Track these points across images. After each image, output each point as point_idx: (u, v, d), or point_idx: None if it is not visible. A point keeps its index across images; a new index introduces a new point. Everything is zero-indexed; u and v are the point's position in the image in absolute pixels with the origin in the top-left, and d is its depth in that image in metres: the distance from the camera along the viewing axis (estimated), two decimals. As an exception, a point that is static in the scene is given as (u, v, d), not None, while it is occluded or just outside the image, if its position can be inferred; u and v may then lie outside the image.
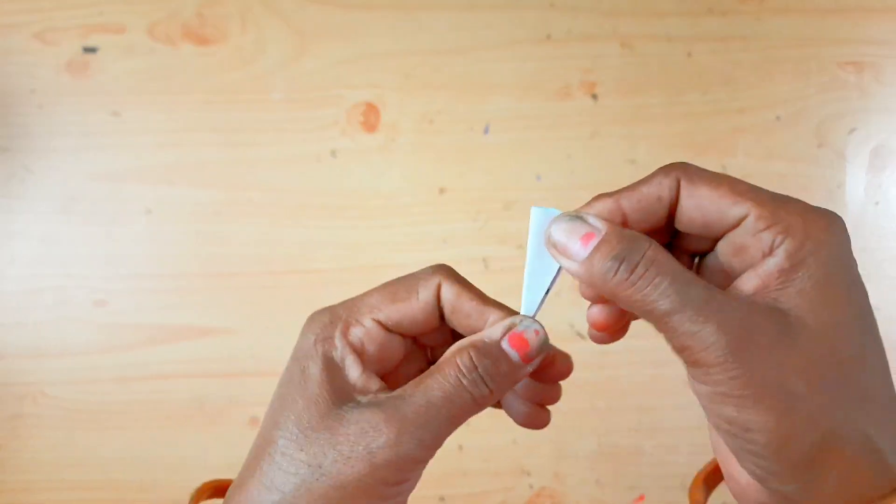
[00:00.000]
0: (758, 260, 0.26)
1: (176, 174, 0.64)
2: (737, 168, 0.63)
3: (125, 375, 0.63)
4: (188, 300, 0.63)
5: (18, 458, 0.63)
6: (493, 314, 0.30)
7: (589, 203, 0.28)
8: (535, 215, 0.29)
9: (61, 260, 0.64)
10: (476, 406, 0.28)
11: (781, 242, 0.25)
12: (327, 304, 0.31)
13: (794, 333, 0.25)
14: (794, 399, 0.24)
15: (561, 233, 0.27)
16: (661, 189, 0.27)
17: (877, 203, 0.63)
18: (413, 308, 0.30)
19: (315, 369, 0.28)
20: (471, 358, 0.28)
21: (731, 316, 0.24)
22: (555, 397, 0.33)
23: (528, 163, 0.63)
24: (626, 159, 0.63)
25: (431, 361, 0.33)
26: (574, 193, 0.63)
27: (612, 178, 0.63)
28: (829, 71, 0.63)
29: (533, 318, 0.29)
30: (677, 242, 0.30)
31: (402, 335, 0.30)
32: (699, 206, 0.27)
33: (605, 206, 0.28)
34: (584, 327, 0.64)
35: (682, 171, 0.27)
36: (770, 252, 0.25)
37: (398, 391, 0.28)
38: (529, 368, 0.29)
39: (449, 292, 0.30)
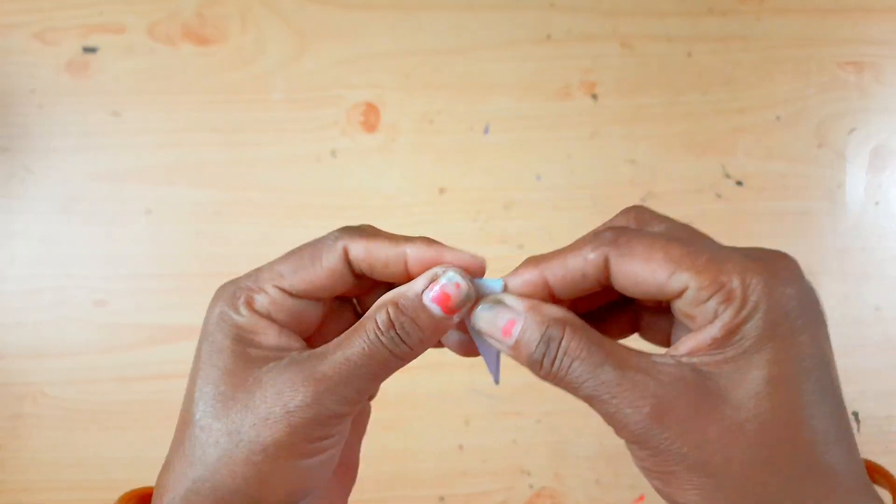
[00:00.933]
0: (704, 327, 0.25)
1: (176, 174, 0.64)
2: (737, 168, 0.63)
3: (125, 375, 0.63)
4: (188, 300, 0.63)
5: (18, 458, 0.63)
6: (410, 250, 0.29)
7: (517, 270, 0.28)
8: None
9: (61, 260, 0.64)
10: (398, 361, 0.27)
11: (724, 312, 0.24)
12: (220, 285, 0.31)
13: (713, 403, 0.24)
14: (712, 477, 0.24)
15: (484, 322, 0.28)
16: (587, 266, 0.27)
17: (877, 203, 0.63)
18: (318, 275, 0.29)
19: (226, 341, 0.28)
20: (388, 315, 0.27)
21: (644, 394, 0.24)
22: None
23: (528, 163, 0.63)
24: (626, 159, 0.63)
25: (360, 314, 0.33)
26: (574, 193, 0.63)
27: (612, 178, 0.63)
28: (829, 71, 0.63)
29: (456, 270, 0.28)
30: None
31: (314, 300, 0.30)
32: (634, 283, 0.26)
33: (531, 277, 0.28)
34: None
35: (612, 244, 0.26)
36: (712, 320, 0.25)
37: (319, 349, 0.27)
38: (455, 319, 0.28)
39: (358, 250, 0.29)
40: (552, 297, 0.28)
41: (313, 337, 0.30)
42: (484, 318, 0.28)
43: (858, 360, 0.62)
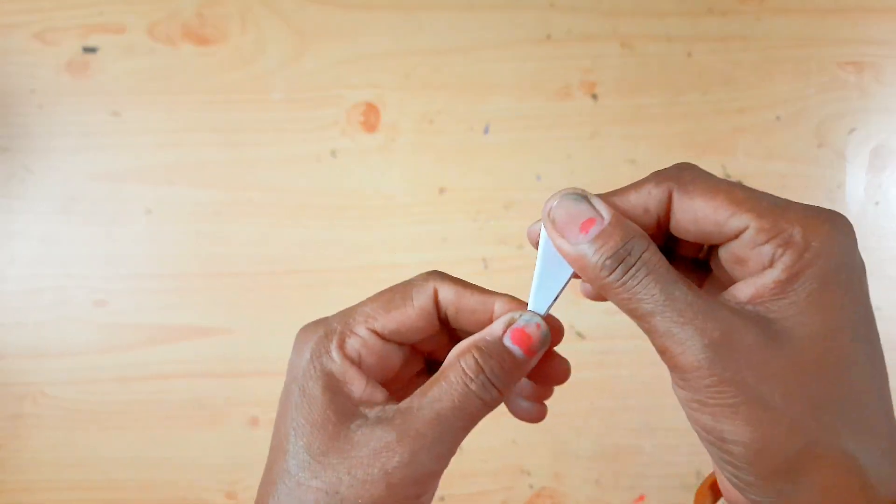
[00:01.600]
0: (758, 271, 0.25)
1: (176, 174, 0.64)
2: (737, 168, 0.63)
3: (125, 375, 0.63)
4: (188, 300, 0.63)
5: (18, 458, 0.63)
6: (498, 302, 0.29)
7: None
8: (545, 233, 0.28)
9: (61, 260, 0.64)
10: (486, 409, 0.27)
11: (781, 255, 0.25)
12: (328, 303, 0.30)
13: (778, 343, 0.24)
14: (771, 410, 0.24)
15: (562, 212, 0.27)
16: (649, 200, 0.27)
17: (877, 203, 0.63)
18: (409, 315, 0.29)
19: (316, 389, 0.28)
20: (475, 360, 0.27)
21: (713, 321, 0.24)
22: (547, 395, 0.32)
23: (528, 163, 0.63)
24: (626, 159, 0.63)
25: (428, 364, 0.33)
26: (574, 193, 0.63)
27: (612, 178, 0.63)
28: (829, 71, 0.63)
29: (533, 312, 0.29)
30: (675, 244, 0.29)
31: (399, 343, 0.30)
32: (694, 219, 0.26)
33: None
34: (585, 327, 0.64)
35: (675, 180, 0.26)
36: (770, 265, 0.25)
37: (405, 403, 0.27)
38: (533, 362, 0.28)
39: (448, 293, 0.29)
40: None
41: (388, 383, 0.30)
42: (565, 206, 0.27)
43: (858, 360, 0.62)
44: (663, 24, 0.63)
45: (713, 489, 0.42)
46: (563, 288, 0.29)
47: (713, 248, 0.29)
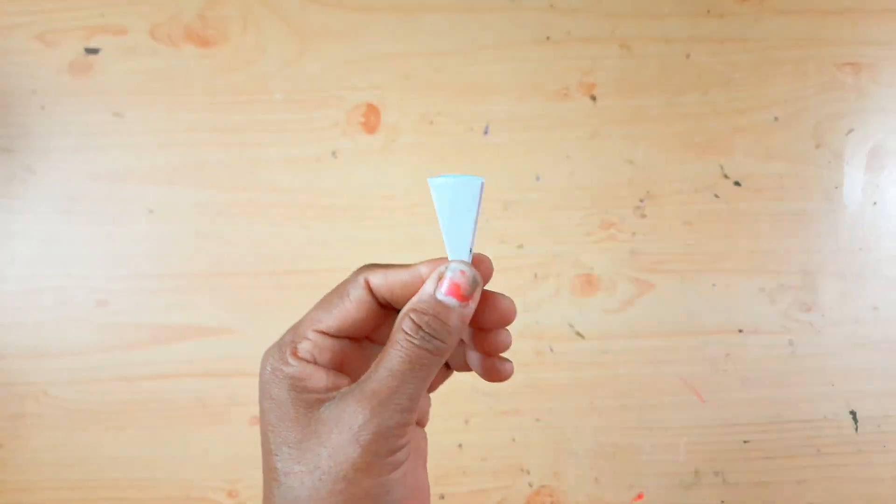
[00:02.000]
0: None
1: (177, 174, 0.64)
2: (735, 168, 0.63)
3: (126, 375, 0.63)
4: (189, 300, 0.64)
5: (19, 458, 0.63)
6: (423, 267, 0.31)
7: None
8: (434, 184, 0.31)
9: (62, 260, 0.64)
10: (438, 358, 0.29)
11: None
12: (266, 349, 0.32)
13: None
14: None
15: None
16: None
17: (874, 203, 0.63)
18: (348, 309, 0.31)
19: (282, 392, 0.30)
20: (412, 321, 0.29)
21: None
22: (506, 343, 0.34)
23: (527, 163, 0.64)
24: (625, 160, 0.64)
25: None
26: (573, 193, 0.63)
27: (611, 178, 0.63)
28: (827, 72, 0.64)
29: (456, 260, 0.30)
30: None
31: (352, 339, 0.32)
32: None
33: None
34: (584, 327, 0.64)
35: None
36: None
37: (363, 377, 0.29)
38: (472, 305, 0.30)
39: (377, 278, 0.31)
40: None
41: (356, 379, 0.32)
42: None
43: (856, 360, 0.62)
44: (662, 26, 0.64)
45: None
46: (473, 234, 0.31)
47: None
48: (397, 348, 0.29)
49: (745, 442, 0.62)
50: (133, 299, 0.64)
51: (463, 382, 0.63)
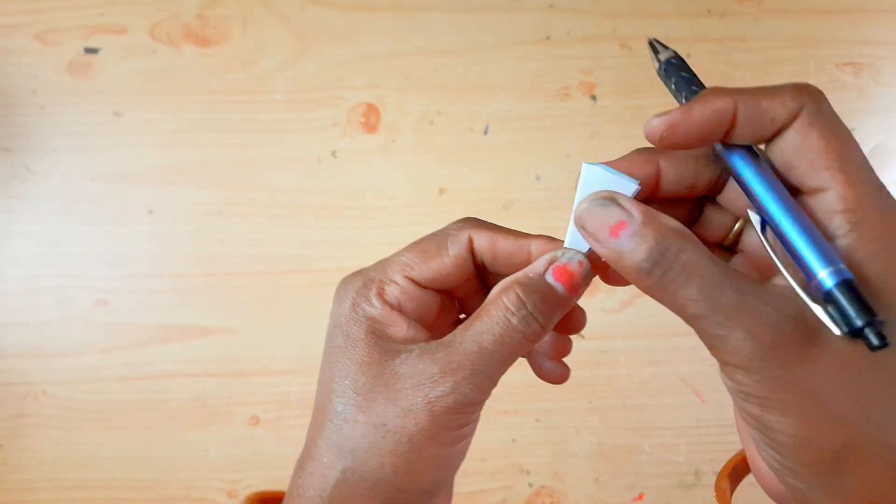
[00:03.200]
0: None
1: (177, 174, 0.64)
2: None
3: (126, 375, 0.64)
4: (189, 300, 0.64)
5: (20, 458, 0.64)
6: (534, 244, 0.29)
7: (627, 157, 0.28)
8: (587, 171, 0.29)
9: (63, 260, 0.64)
10: (528, 343, 0.28)
11: (846, 234, 0.24)
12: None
13: (827, 338, 0.24)
14: (818, 404, 0.24)
15: (592, 218, 0.26)
16: (780, 110, 0.25)
17: (875, 203, 0.63)
18: (445, 263, 0.29)
19: (360, 332, 0.28)
20: (518, 296, 0.27)
21: (761, 320, 0.23)
22: (567, 350, 0.33)
23: (527, 163, 0.64)
24: (625, 160, 0.64)
25: (462, 312, 0.33)
26: (573, 194, 0.63)
27: (612, 178, 0.63)
28: (827, 71, 0.64)
29: (575, 249, 0.29)
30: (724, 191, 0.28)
31: (436, 290, 0.30)
32: (783, 157, 0.25)
33: (641, 169, 0.27)
34: (584, 327, 0.64)
35: (809, 95, 0.25)
36: (830, 240, 0.24)
37: (447, 337, 0.28)
38: (574, 300, 0.29)
39: (483, 239, 0.30)
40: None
41: (429, 330, 0.31)
42: (593, 214, 0.26)
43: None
44: (662, 25, 0.64)
45: (732, 475, 0.41)
46: None
47: (743, 230, 0.29)
48: (493, 321, 0.27)
49: (745, 442, 0.62)
50: (133, 299, 0.64)
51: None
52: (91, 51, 0.64)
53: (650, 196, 0.28)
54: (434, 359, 0.27)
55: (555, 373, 0.33)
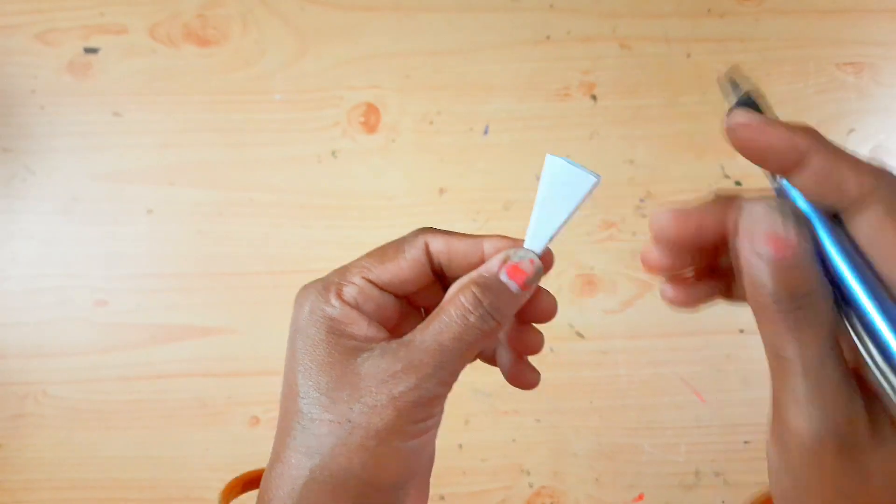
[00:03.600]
0: None
1: (177, 174, 0.64)
2: (735, 168, 0.63)
3: (126, 375, 0.64)
4: (189, 300, 0.64)
5: (20, 458, 0.64)
6: (487, 243, 0.31)
7: (702, 208, 0.27)
8: (550, 162, 0.30)
9: (62, 260, 0.64)
10: (485, 338, 0.29)
11: None
12: (303, 286, 0.31)
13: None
14: (866, 485, 0.23)
15: (756, 215, 0.24)
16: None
17: (875, 203, 0.63)
18: (402, 266, 0.31)
19: (320, 333, 0.29)
20: (474, 294, 0.28)
21: (844, 409, 0.23)
22: (537, 344, 0.33)
23: (527, 163, 0.64)
24: (625, 159, 0.64)
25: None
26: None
27: (611, 178, 0.63)
28: (827, 72, 0.64)
29: (527, 249, 0.30)
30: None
31: (395, 295, 0.31)
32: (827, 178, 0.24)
33: (713, 219, 0.26)
34: (584, 327, 0.64)
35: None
36: None
37: (407, 336, 0.29)
38: (527, 296, 0.30)
39: (439, 243, 0.31)
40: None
41: (393, 336, 0.31)
42: (759, 213, 0.24)
43: (857, 360, 0.62)
44: (662, 25, 0.64)
45: None
46: (560, 228, 0.30)
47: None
48: (452, 319, 0.28)
49: (745, 442, 0.62)
50: (133, 299, 0.64)
51: (463, 383, 0.63)
52: (91, 51, 0.64)
53: (716, 247, 0.27)
54: (396, 357, 0.28)
55: (524, 376, 0.33)
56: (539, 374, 0.34)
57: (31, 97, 0.64)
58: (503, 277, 0.29)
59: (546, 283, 0.31)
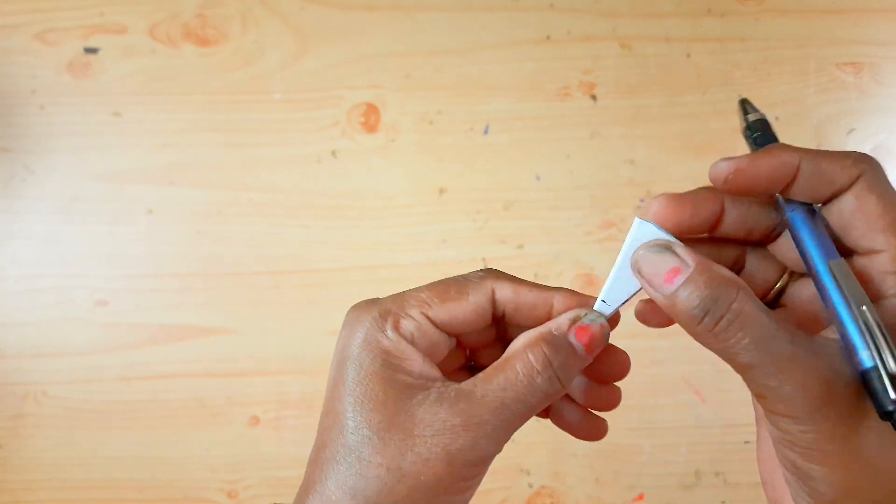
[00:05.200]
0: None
1: (177, 174, 0.64)
2: (736, 168, 0.63)
3: (126, 375, 0.64)
4: (189, 300, 0.64)
5: (20, 458, 0.64)
6: (557, 296, 0.30)
7: (695, 190, 0.28)
8: (636, 226, 0.29)
9: (62, 260, 0.64)
10: (547, 401, 0.28)
11: None
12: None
13: None
14: (863, 458, 0.24)
15: (648, 264, 0.27)
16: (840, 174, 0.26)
17: (875, 203, 0.63)
18: (464, 308, 0.29)
19: (374, 366, 0.28)
20: (544, 354, 0.28)
21: (813, 374, 0.24)
22: (615, 400, 0.33)
23: (527, 163, 0.64)
24: (625, 159, 0.64)
25: (472, 361, 0.33)
26: (573, 193, 0.64)
27: (611, 178, 0.63)
28: (827, 71, 0.64)
29: (598, 312, 0.29)
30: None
31: (448, 334, 0.30)
32: (840, 220, 0.26)
33: (707, 206, 0.28)
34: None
35: (868, 169, 0.26)
36: (884, 296, 0.25)
37: (467, 385, 0.28)
38: (590, 359, 0.29)
39: (506, 291, 0.30)
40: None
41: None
42: (650, 259, 0.27)
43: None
44: (662, 25, 0.64)
45: None
46: (636, 294, 0.29)
47: (787, 284, 0.29)
48: (518, 378, 0.27)
49: (745, 442, 0.62)
50: (133, 299, 0.64)
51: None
52: (91, 50, 0.64)
53: (710, 232, 0.29)
54: (455, 410, 0.27)
55: (595, 429, 0.33)
56: (607, 422, 0.33)
57: (31, 97, 0.64)
58: (571, 338, 0.28)
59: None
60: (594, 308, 0.30)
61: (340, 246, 0.63)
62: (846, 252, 0.27)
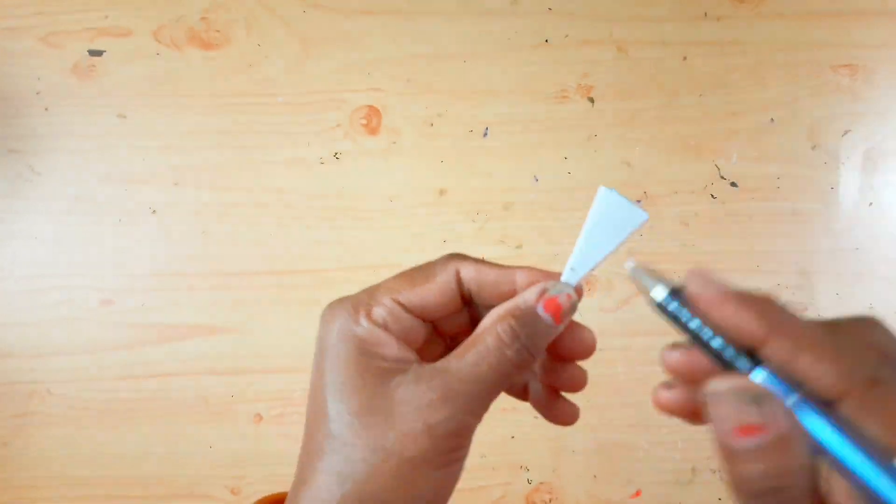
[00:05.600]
0: None
1: (181, 176, 0.64)
2: (731, 170, 0.64)
3: (130, 373, 0.64)
4: (193, 300, 0.64)
5: (25, 456, 0.64)
6: (520, 273, 0.30)
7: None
8: (602, 195, 0.30)
9: (67, 260, 0.64)
10: (518, 371, 0.29)
11: None
12: (330, 303, 0.31)
13: None
14: None
15: (723, 407, 0.23)
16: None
17: (870, 204, 0.64)
18: (432, 291, 0.30)
19: (350, 353, 0.29)
20: (512, 327, 0.28)
21: None
22: (581, 380, 0.33)
23: (526, 165, 0.64)
24: (622, 161, 0.64)
25: (449, 348, 0.34)
26: (571, 195, 0.64)
27: (609, 179, 0.64)
28: (822, 74, 0.64)
29: (565, 282, 0.30)
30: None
31: (423, 319, 0.31)
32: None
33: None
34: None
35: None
36: None
37: (441, 363, 0.29)
38: (560, 329, 0.30)
39: (470, 270, 0.31)
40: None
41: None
42: (727, 403, 0.23)
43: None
44: (658, 29, 0.64)
45: None
46: (600, 263, 0.30)
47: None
48: (489, 350, 0.28)
49: (741, 439, 0.62)
50: (137, 299, 0.64)
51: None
52: (95, 53, 0.65)
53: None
54: (431, 385, 0.28)
55: (563, 411, 0.34)
56: (578, 407, 0.34)
57: (36, 99, 0.65)
58: (540, 311, 0.29)
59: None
60: (561, 280, 0.30)
61: (343, 246, 0.64)
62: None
